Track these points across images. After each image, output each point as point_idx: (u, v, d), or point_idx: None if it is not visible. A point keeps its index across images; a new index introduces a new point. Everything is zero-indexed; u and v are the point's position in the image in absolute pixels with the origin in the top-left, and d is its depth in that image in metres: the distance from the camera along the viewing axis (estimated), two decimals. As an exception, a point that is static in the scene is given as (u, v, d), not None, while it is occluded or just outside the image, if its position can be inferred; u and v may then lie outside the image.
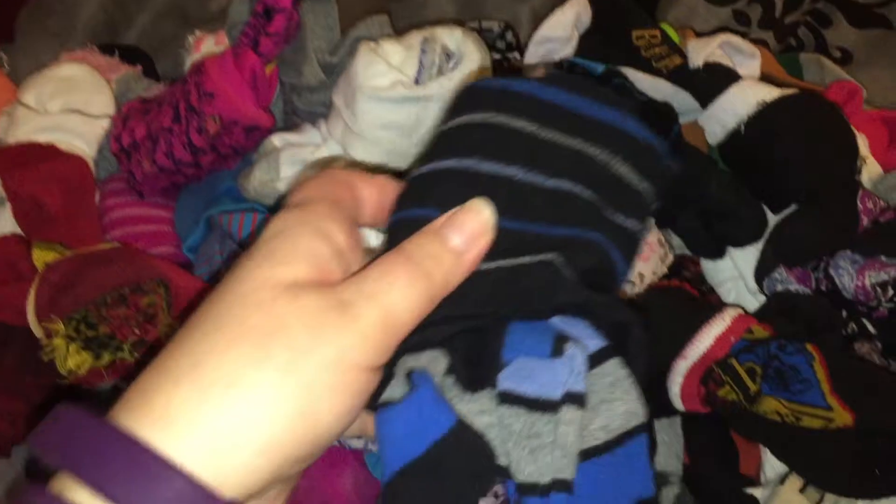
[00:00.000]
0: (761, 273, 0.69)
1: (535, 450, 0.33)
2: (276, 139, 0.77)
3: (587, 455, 0.34)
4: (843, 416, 0.58)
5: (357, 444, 0.65)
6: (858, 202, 0.68)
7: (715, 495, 0.68)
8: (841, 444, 0.61)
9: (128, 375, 0.67)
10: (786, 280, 0.68)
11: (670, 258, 0.70)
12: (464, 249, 0.33)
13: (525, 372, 0.34)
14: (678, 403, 0.65)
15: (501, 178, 0.37)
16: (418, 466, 0.32)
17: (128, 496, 0.26)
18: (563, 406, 0.33)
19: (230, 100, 0.72)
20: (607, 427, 0.34)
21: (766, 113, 0.69)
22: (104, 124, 0.82)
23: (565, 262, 0.36)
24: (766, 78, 0.76)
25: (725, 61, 0.74)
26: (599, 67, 0.71)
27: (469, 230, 0.33)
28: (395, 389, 0.35)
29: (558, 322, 0.35)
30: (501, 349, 0.35)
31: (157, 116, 0.76)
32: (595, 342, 0.35)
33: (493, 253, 0.35)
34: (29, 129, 0.79)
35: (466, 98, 0.40)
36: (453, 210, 0.34)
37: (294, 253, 0.30)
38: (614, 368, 0.35)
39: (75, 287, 0.68)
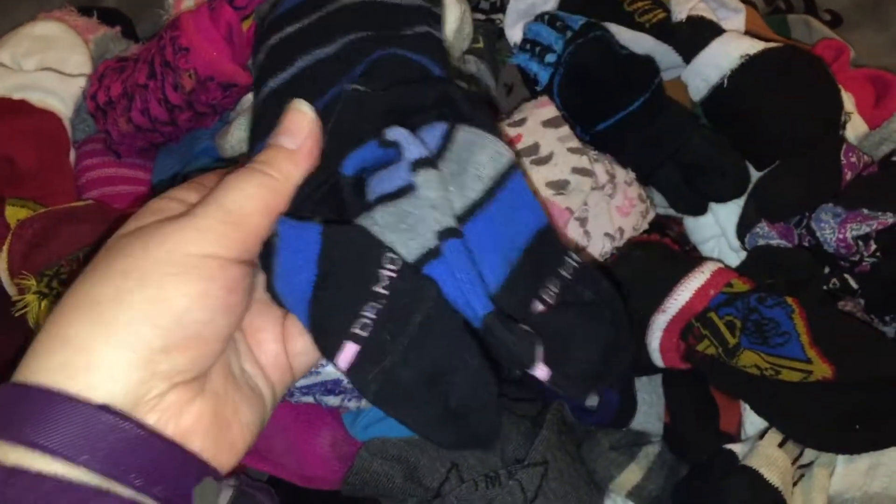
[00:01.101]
0: (743, 228, 0.68)
1: (412, 225, 0.34)
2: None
3: (473, 209, 0.36)
4: (822, 369, 0.57)
5: (334, 402, 0.64)
6: (842, 156, 0.67)
7: (695, 453, 0.67)
8: (820, 398, 0.60)
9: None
10: (768, 235, 0.67)
11: (652, 214, 0.69)
12: (296, 146, 0.36)
13: (380, 182, 0.36)
14: (658, 359, 0.64)
15: (296, 76, 0.44)
16: (321, 284, 0.34)
17: (30, 433, 0.28)
18: (414, 173, 0.35)
19: (205, 54, 0.71)
20: (480, 175, 0.37)
21: (749, 66, 0.68)
22: (81, 83, 0.80)
23: (363, 84, 0.39)
24: (751, 34, 0.75)
25: (709, 15, 0.73)
26: (579, 21, 0.70)
27: (294, 129, 0.37)
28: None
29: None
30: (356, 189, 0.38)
31: (133, 74, 0.75)
32: (436, 129, 0.38)
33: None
34: (4, 87, 0.78)
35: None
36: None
37: (144, 213, 0.34)
38: (464, 132, 0.37)
39: (48, 243, 0.67)
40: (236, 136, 0.73)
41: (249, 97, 0.75)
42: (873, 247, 0.63)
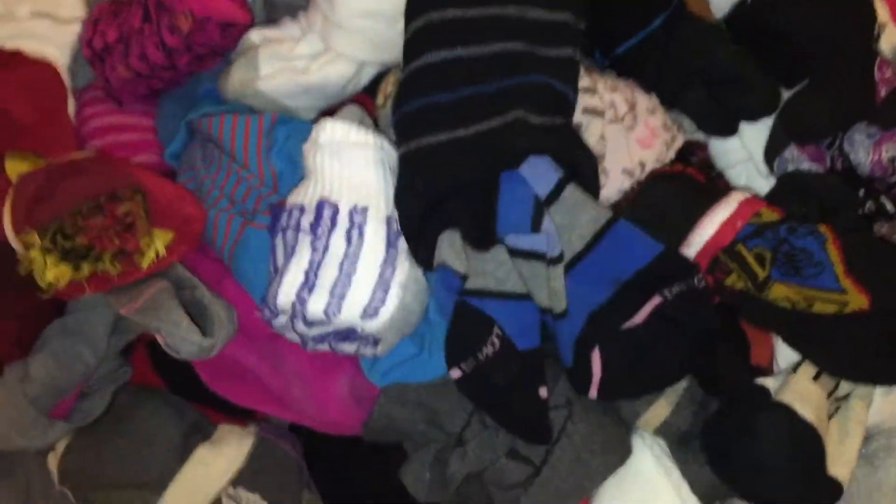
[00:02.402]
0: (772, 152, 0.65)
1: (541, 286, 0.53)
2: (255, 35, 0.73)
3: (576, 260, 0.53)
4: (858, 299, 0.55)
5: (349, 349, 0.63)
6: (876, 71, 0.63)
7: (725, 388, 0.65)
8: (856, 329, 0.58)
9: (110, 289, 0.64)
10: (798, 159, 0.64)
11: (679, 142, 0.66)
12: None
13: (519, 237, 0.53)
14: (684, 294, 0.62)
15: (455, 59, 0.55)
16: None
17: None
18: (550, 266, 0.52)
19: (201, -7, 0.68)
20: (582, 235, 0.51)
21: (773, -22, 0.64)
22: (76, 29, 0.77)
23: (526, 111, 0.52)
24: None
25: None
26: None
27: None
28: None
29: (527, 171, 0.52)
30: (496, 224, 0.54)
31: (128, 18, 0.72)
32: (553, 176, 0.52)
33: (463, 118, 0.54)
34: (-2, 37, 0.76)
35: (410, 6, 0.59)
36: None
37: None
38: (571, 193, 0.51)
39: (51, 198, 0.65)
40: (237, 78, 0.71)
41: (251, 36, 0.72)
42: (911, 167, 0.60)
